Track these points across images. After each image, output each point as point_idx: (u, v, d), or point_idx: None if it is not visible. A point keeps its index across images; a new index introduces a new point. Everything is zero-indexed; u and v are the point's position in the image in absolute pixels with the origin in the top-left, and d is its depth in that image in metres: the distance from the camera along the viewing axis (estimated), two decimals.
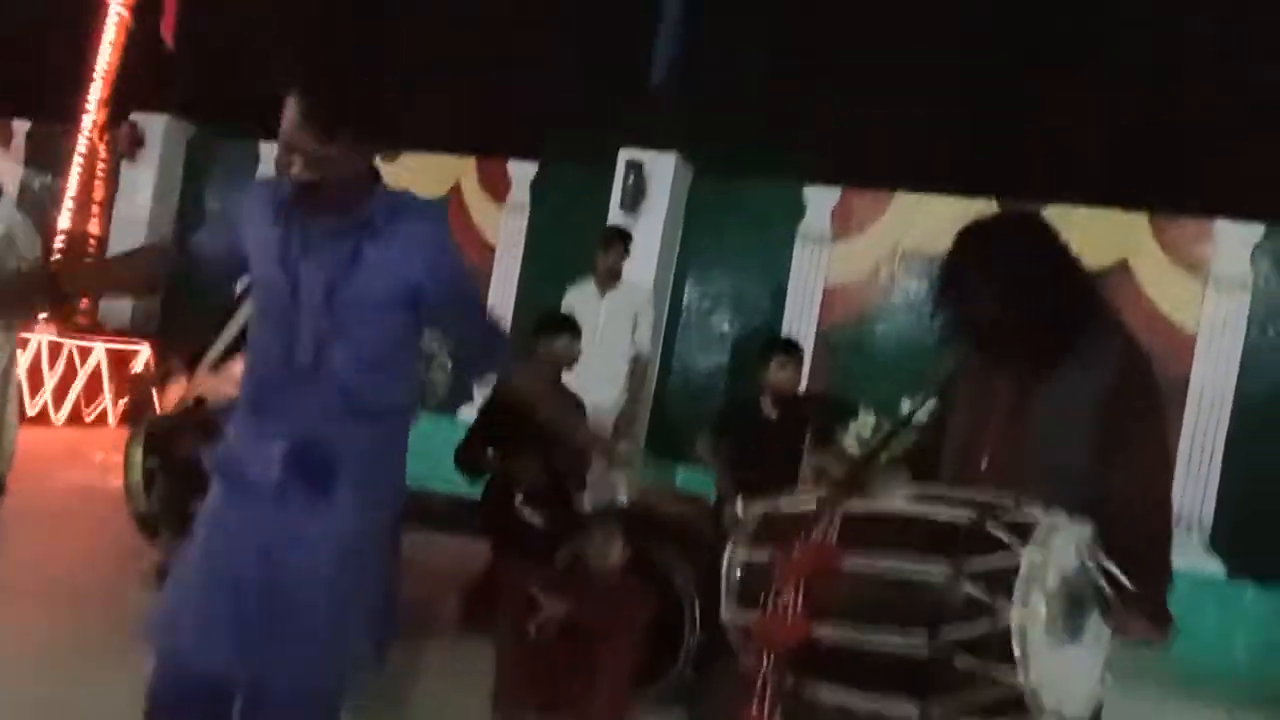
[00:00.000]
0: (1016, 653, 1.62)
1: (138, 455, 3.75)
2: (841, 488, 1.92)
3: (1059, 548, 1.71)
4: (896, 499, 1.88)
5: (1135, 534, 1.87)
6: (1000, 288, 2.00)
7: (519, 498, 4.08)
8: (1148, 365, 2.02)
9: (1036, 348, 2.02)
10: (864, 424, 6.83)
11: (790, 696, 1.85)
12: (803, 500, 1.94)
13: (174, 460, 3.48)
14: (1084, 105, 6.14)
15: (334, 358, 2.03)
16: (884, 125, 6.40)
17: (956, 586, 1.66)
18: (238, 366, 2.46)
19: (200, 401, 4.13)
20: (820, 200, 6.84)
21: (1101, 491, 1.92)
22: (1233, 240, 5.85)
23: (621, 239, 5.74)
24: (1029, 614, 1.62)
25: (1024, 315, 1.99)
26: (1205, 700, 4.70)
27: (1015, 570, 1.65)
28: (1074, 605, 1.73)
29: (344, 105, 1.98)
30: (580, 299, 5.66)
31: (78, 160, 8.86)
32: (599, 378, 5.28)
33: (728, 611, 1.96)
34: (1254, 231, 5.83)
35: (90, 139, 8.94)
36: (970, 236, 2.08)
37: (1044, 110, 6.17)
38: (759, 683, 1.83)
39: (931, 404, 2.26)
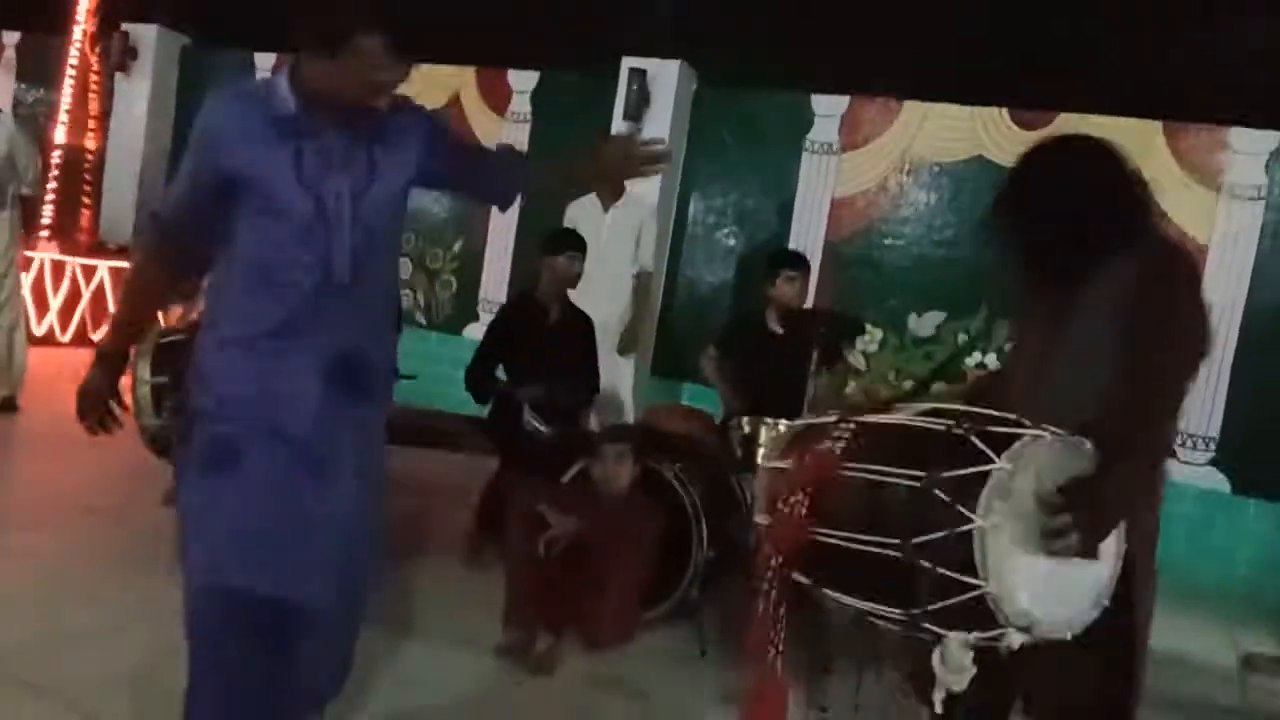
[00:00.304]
0: (977, 559, 1.66)
1: (145, 372, 3.63)
2: (862, 404, 2.00)
3: (1037, 460, 1.72)
4: (906, 413, 1.94)
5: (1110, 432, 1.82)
6: (1037, 213, 2.04)
7: (526, 409, 4.08)
8: (1179, 285, 1.97)
9: (1069, 272, 2.03)
10: (870, 339, 6.86)
11: (796, 596, 1.96)
12: (830, 415, 2.03)
13: (184, 376, 3.45)
14: (1096, 12, 5.96)
15: (369, 269, 2.05)
16: (893, 32, 6.23)
17: (928, 494, 1.71)
18: None
19: None
20: (828, 109, 6.70)
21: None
22: (1247, 149, 5.74)
23: None
24: (990, 523, 1.65)
25: (1057, 240, 2.02)
26: (1207, 613, 4.78)
27: (984, 480, 1.68)
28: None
29: (410, 32, 1.98)
30: (583, 214, 5.59)
31: (70, 73, 8.68)
32: (603, 294, 5.25)
33: (756, 515, 2.07)
34: (1269, 140, 5.71)
35: (82, 50, 8.75)
36: (1021, 162, 2.13)
37: (1056, 17, 5.99)
38: (767, 582, 1.94)
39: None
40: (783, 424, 3.95)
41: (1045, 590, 1.71)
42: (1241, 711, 3.76)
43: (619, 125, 6.74)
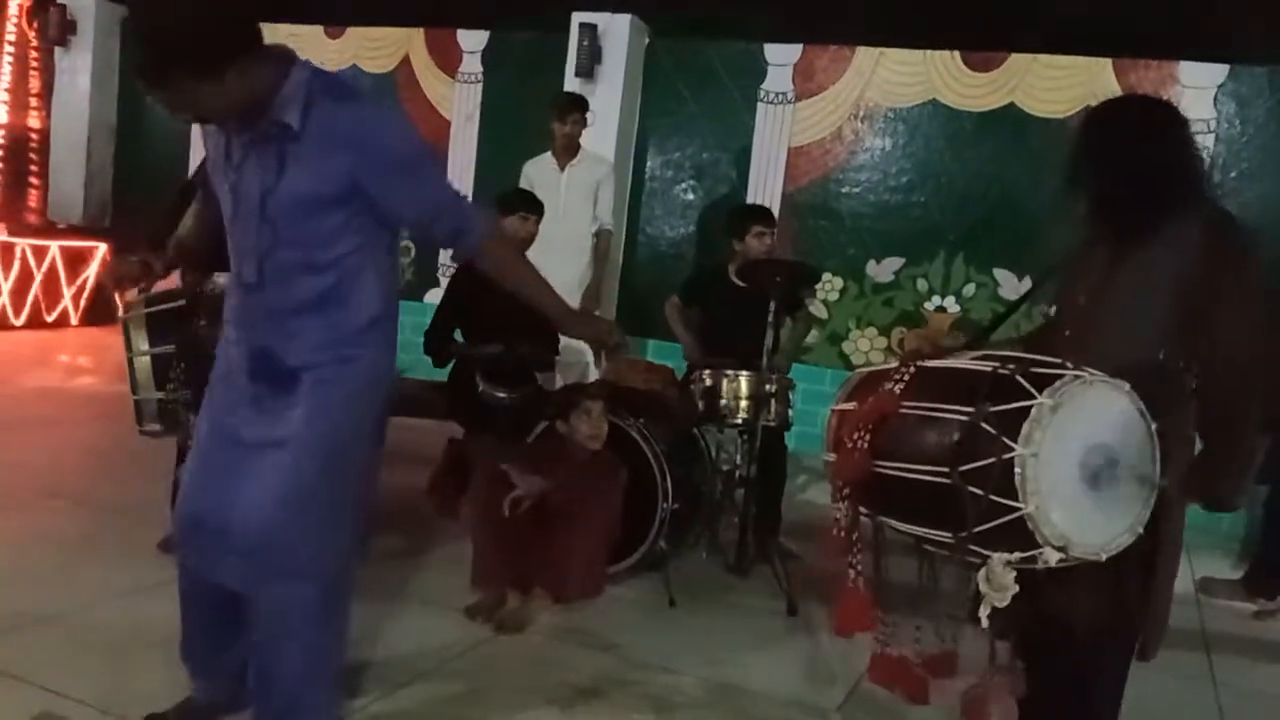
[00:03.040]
0: (1017, 484, 1.84)
1: (143, 342, 3.17)
2: (918, 351, 2.20)
3: (1077, 398, 1.88)
4: (963, 358, 2.13)
5: (1212, 406, 2.02)
6: (1104, 166, 2.14)
7: (479, 379, 4.08)
8: (1240, 249, 2.06)
9: (1128, 225, 2.12)
10: (830, 287, 6.90)
11: (858, 523, 2.19)
12: (891, 363, 2.26)
13: (195, 340, 3.01)
14: None
15: (278, 269, 2.01)
16: None
17: (977, 426, 1.90)
18: None
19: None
20: (781, 58, 6.67)
21: (1175, 363, 2.05)
22: (1196, 83, 5.78)
23: (577, 106, 5.58)
24: (1030, 451, 1.84)
25: (1122, 193, 2.11)
26: None
27: (1027, 414, 1.86)
28: (1096, 455, 1.90)
29: (164, 46, 1.78)
30: (539, 173, 5.54)
31: (8, 50, 8.46)
32: (562, 253, 5.22)
33: (824, 454, 2.28)
34: (1217, 73, 5.75)
35: (19, 26, 8.53)
36: (1091, 116, 2.23)
37: None
38: (839, 510, 2.19)
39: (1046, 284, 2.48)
40: (744, 375, 3.99)
41: (1082, 515, 1.89)
42: (1197, 632, 3.87)
43: (572, 83, 6.67)
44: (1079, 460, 1.88)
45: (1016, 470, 1.83)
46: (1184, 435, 2.11)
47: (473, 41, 7.47)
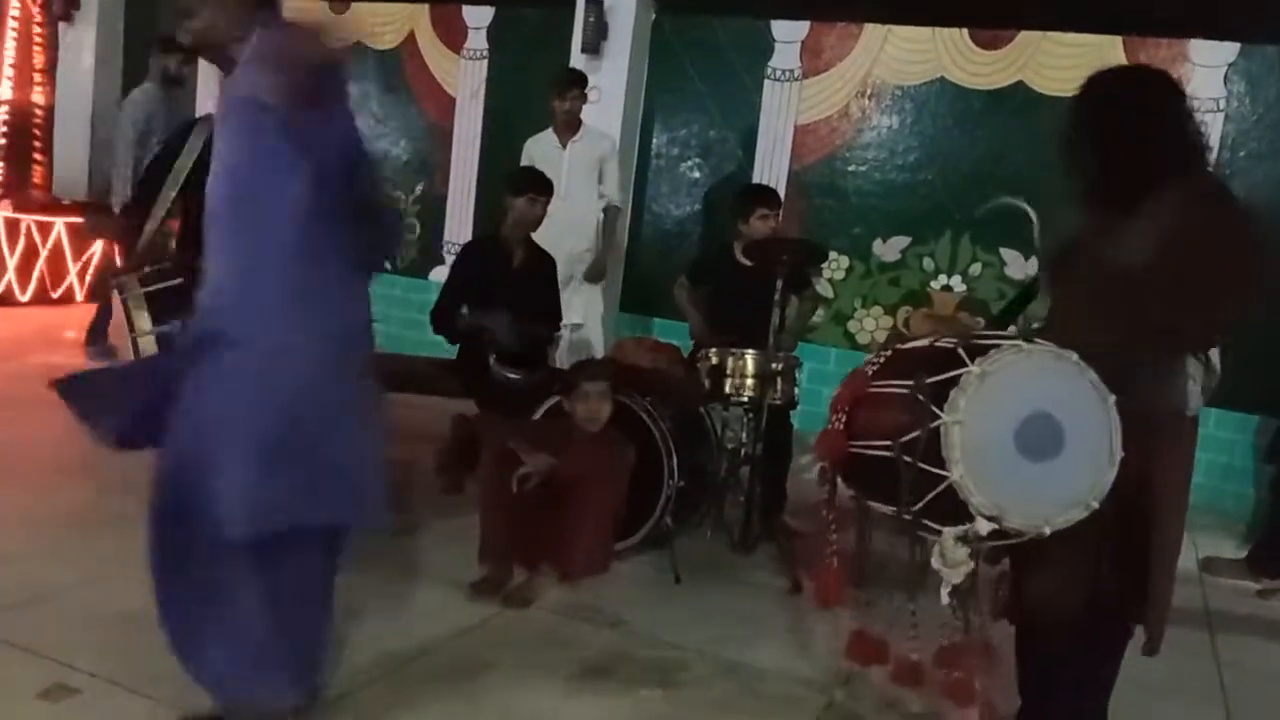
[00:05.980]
0: (944, 452, 1.86)
1: (146, 322, 3.05)
2: (899, 334, 2.18)
3: (1010, 367, 1.88)
4: (932, 339, 2.13)
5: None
6: (1091, 139, 2.13)
7: (493, 358, 4.09)
8: (1220, 220, 2.01)
9: (1128, 198, 2.08)
10: (836, 266, 6.88)
11: (835, 501, 2.26)
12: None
13: None
14: None
15: (230, 212, 2.06)
16: None
17: (913, 398, 1.92)
18: None
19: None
20: (788, 35, 6.62)
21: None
22: (1206, 61, 5.74)
23: (577, 82, 5.55)
24: (954, 419, 1.86)
25: (1112, 165, 2.09)
26: None
27: (958, 382, 1.88)
28: (1036, 424, 1.88)
29: None
30: (540, 150, 5.52)
31: (11, 25, 8.42)
32: (566, 229, 5.21)
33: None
34: (1228, 51, 5.71)
35: (23, 1, 8.49)
36: (1083, 87, 2.20)
37: None
38: (825, 490, 2.27)
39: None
40: (750, 354, 3.99)
41: (1018, 485, 1.87)
42: (1200, 611, 3.89)
43: (578, 60, 6.63)
44: (1014, 429, 1.87)
45: (942, 438, 1.85)
46: (1172, 413, 2.06)
47: (478, 17, 7.42)
